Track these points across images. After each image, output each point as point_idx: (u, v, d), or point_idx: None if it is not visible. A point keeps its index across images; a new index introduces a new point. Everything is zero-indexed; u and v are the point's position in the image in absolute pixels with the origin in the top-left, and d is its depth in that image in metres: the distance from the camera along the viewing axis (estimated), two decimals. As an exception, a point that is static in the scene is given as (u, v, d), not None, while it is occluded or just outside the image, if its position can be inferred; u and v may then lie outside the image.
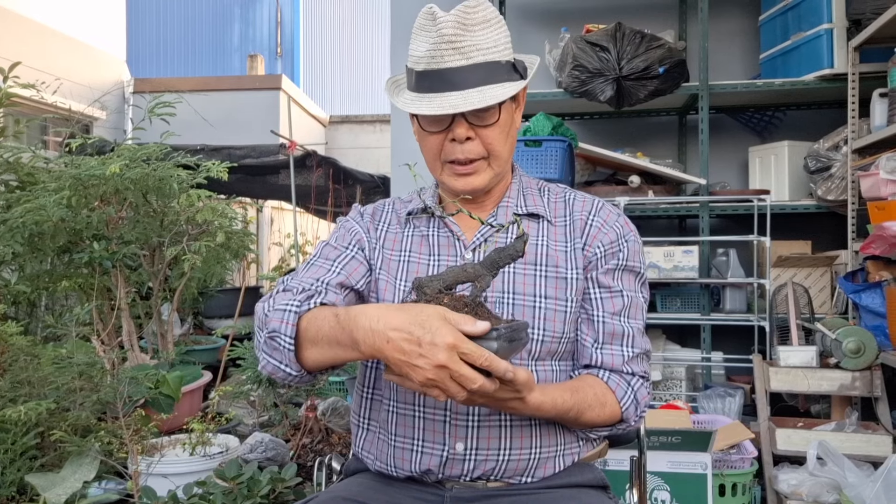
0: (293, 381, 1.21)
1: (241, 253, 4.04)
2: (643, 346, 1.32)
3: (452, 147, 1.27)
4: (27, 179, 3.53)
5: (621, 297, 1.31)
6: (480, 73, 1.21)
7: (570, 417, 1.21)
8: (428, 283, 1.10)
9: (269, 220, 9.42)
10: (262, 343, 1.20)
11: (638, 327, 1.32)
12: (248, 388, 3.33)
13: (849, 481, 2.34)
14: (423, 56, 1.23)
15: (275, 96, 9.34)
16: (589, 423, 1.25)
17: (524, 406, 1.12)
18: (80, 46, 8.28)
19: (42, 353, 2.82)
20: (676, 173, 3.33)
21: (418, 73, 1.24)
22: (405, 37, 5.18)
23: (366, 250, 1.36)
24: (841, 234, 3.16)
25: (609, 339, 1.29)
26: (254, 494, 2.40)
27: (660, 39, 3.24)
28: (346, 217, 1.44)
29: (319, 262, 1.33)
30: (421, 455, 1.26)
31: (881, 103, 2.83)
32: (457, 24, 1.20)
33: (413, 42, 1.27)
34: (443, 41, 1.20)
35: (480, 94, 1.21)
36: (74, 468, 2.50)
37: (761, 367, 2.81)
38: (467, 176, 1.29)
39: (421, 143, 1.32)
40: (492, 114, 1.26)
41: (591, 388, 1.25)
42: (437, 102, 1.21)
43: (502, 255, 1.11)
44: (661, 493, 2.36)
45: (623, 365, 1.29)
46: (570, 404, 1.20)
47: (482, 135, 1.26)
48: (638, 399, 1.29)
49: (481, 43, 1.22)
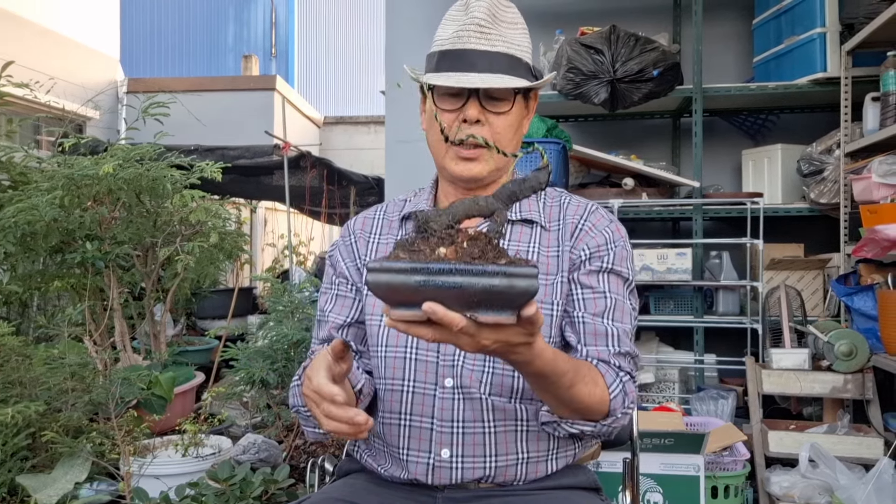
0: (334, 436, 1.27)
1: (235, 254, 4.03)
2: (630, 348, 1.25)
3: (462, 128, 1.27)
4: (19, 179, 3.52)
5: (604, 297, 1.26)
6: (502, 63, 1.24)
7: (565, 383, 1.10)
8: (435, 218, 0.95)
9: (263, 220, 9.41)
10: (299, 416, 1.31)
11: (624, 329, 1.25)
12: (240, 390, 3.33)
13: (840, 483, 2.35)
14: (449, 37, 1.26)
15: (269, 97, 9.33)
16: (580, 398, 1.14)
17: (529, 351, 0.99)
18: (74, 46, 8.26)
19: (34, 353, 2.81)
20: (670, 176, 3.34)
21: (441, 53, 1.26)
22: (400, 38, 5.17)
23: (349, 278, 1.37)
24: (833, 237, 3.17)
25: (592, 340, 1.23)
26: (246, 496, 2.40)
27: (654, 42, 3.25)
28: (333, 245, 1.45)
29: (321, 316, 1.38)
30: (407, 463, 1.26)
31: (874, 107, 2.84)
32: (488, 13, 1.24)
33: (440, 29, 1.30)
34: (472, 23, 1.24)
35: (499, 79, 1.23)
36: (66, 469, 2.49)
37: (754, 369, 2.81)
38: (469, 161, 1.28)
39: (430, 126, 1.33)
40: (506, 102, 1.27)
41: (586, 365, 1.18)
42: (455, 78, 1.23)
43: (523, 186, 1.00)
44: (654, 495, 2.36)
45: (610, 358, 1.22)
46: (568, 367, 1.10)
47: (492, 121, 1.27)
48: (626, 391, 1.20)
49: (507, 37, 1.26)
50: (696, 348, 3.28)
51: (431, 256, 0.90)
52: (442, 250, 0.91)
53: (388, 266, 0.88)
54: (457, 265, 0.87)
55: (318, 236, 8.46)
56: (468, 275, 0.86)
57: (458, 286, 0.86)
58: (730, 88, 3.35)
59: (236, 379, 3.30)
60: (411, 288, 0.87)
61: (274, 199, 7.75)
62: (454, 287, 0.86)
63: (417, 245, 0.93)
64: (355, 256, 1.38)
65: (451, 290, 0.87)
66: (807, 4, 3.21)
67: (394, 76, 4.04)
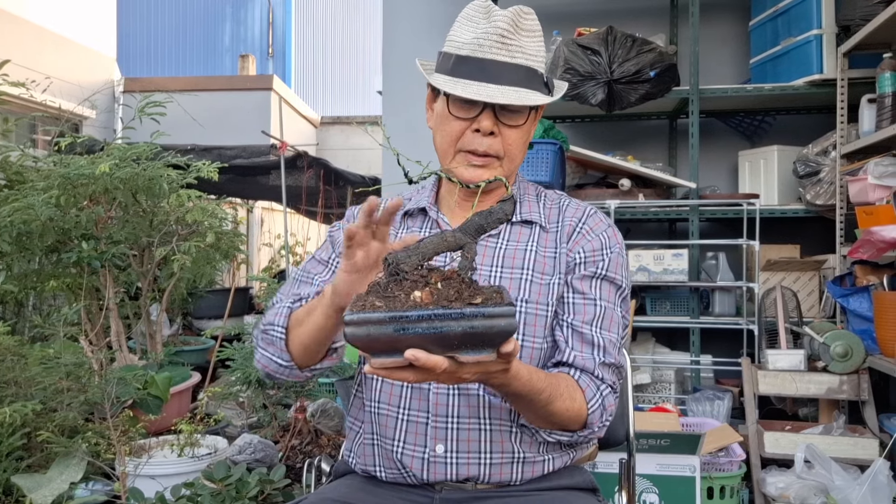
0: (285, 374, 1.26)
1: (231, 253, 4.02)
2: (615, 359, 1.26)
3: (473, 137, 1.27)
4: (15, 178, 3.50)
5: (594, 305, 1.27)
6: (520, 75, 1.24)
7: (542, 400, 1.13)
8: (405, 259, 0.96)
9: (260, 220, 9.39)
10: (259, 339, 1.28)
11: (611, 339, 1.26)
12: (237, 390, 3.32)
13: (836, 484, 2.36)
14: (469, 42, 1.25)
15: (266, 97, 9.32)
16: (557, 413, 1.16)
17: (505, 376, 1.01)
18: (70, 45, 8.23)
19: (29, 353, 2.80)
20: (667, 177, 3.34)
21: (458, 57, 1.25)
22: (397, 38, 5.18)
23: None
24: (829, 238, 3.18)
25: (579, 347, 1.24)
26: (242, 496, 2.39)
27: (651, 43, 3.26)
28: (337, 224, 1.44)
29: (303, 277, 1.36)
30: (402, 457, 1.26)
31: (870, 109, 2.85)
32: (511, 23, 1.24)
33: (457, 29, 1.29)
34: (495, 33, 1.23)
35: (517, 93, 1.23)
36: (61, 469, 2.48)
37: (750, 370, 2.82)
38: (479, 168, 1.28)
39: (439, 128, 1.32)
40: (521, 116, 1.28)
41: (564, 380, 1.19)
42: (473, 89, 1.22)
43: (490, 218, 1.00)
44: (650, 495, 2.36)
45: (594, 368, 1.23)
46: (544, 384, 1.12)
47: (505, 134, 1.27)
48: (605, 406, 1.22)
49: (527, 48, 1.25)
50: (693, 349, 3.29)
51: (407, 302, 0.90)
52: (417, 294, 0.92)
53: (366, 318, 0.88)
54: (435, 311, 0.87)
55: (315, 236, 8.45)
56: (447, 319, 0.87)
57: (439, 330, 0.87)
58: (726, 90, 3.36)
59: (232, 379, 3.30)
60: (391, 337, 0.88)
61: (270, 198, 7.73)
62: (435, 332, 0.87)
63: (391, 290, 0.93)
64: None
65: (432, 336, 0.87)
66: (803, 6, 3.22)
67: (391, 76, 4.04)
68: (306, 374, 1.27)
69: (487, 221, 1.00)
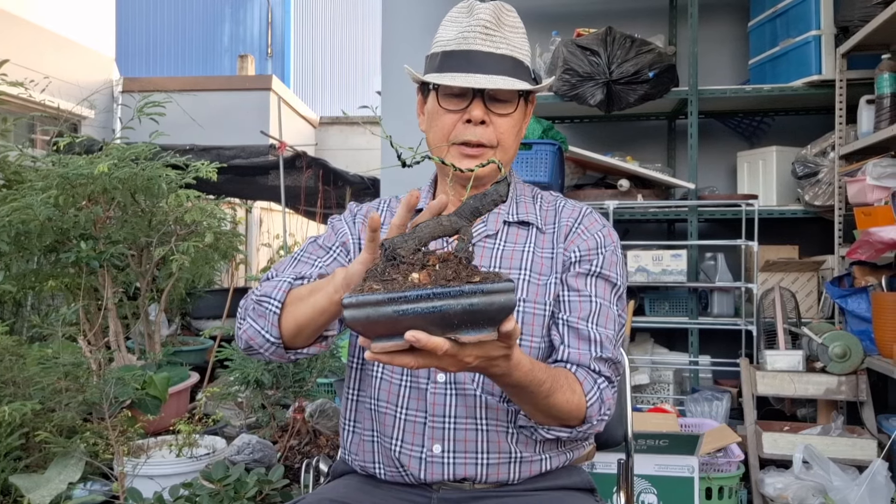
0: (268, 351, 1.22)
1: (230, 254, 4.02)
2: (612, 354, 1.26)
3: (465, 128, 1.28)
4: (14, 178, 3.50)
5: (590, 301, 1.27)
6: (506, 65, 1.26)
7: (543, 391, 1.12)
8: (401, 244, 0.95)
9: (259, 220, 9.39)
10: (250, 309, 1.24)
11: (607, 335, 1.26)
12: (235, 390, 3.32)
13: (834, 485, 2.36)
14: (454, 38, 1.27)
15: (265, 97, 9.32)
16: (558, 405, 1.16)
17: (507, 363, 1.02)
18: (69, 45, 8.23)
19: (27, 353, 2.80)
20: (665, 177, 3.34)
21: (445, 54, 1.28)
22: (396, 38, 5.17)
23: (351, 252, 1.36)
24: (828, 239, 3.18)
25: (575, 344, 1.25)
26: (240, 496, 2.39)
27: (650, 44, 3.26)
28: (338, 216, 1.44)
29: (304, 257, 1.35)
30: (400, 456, 1.27)
31: (868, 110, 2.85)
32: (492, 16, 1.27)
33: (442, 30, 1.31)
34: (479, 25, 1.26)
35: (504, 80, 1.25)
36: (59, 469, 2.48)
37: (748, 370, 2.82)
38: (473, 158, 1.29)
39: (431, 123, 1.33)
40: (510, 104, 1.29)
41: (563, 373, 1.20)
42: (461, 78, 1.24)
43: (484, 200, 0.99)
44: (648, 496, 2.36)
45: (590, 362, 1.23)
46: (545, 375, 1.12)
47: (496, 123, 1.29)
48: (603, 398, 1.22)
49: (511, 40, 1.28)
50: (691, 350, 3.29)
51: (405, 284, 0.90)
52: (415, 276, 0.91)
53: (364, 300, 0.87)
54: (434, 289, 0.87)
55: (314, 236, 8.45)
56: (447, 297, 0.86)
57: (439, 310, 0.86)
58: (725, 90, 3.36)
59: (231, 379, 3.30)
60: (391, 319, 0.87)
61: (269, 199, 7.74)
62: (434, 311, 0.86)
63: (389, 274, 0.92)
64: (358, 238, 1.38)
65: (432, 315, 0.87)
66: (802, 7, 3.22)
67: (390, 77, 4.04)
68: (290, 355, 1.25)
69: (482, 203, 1.00)
